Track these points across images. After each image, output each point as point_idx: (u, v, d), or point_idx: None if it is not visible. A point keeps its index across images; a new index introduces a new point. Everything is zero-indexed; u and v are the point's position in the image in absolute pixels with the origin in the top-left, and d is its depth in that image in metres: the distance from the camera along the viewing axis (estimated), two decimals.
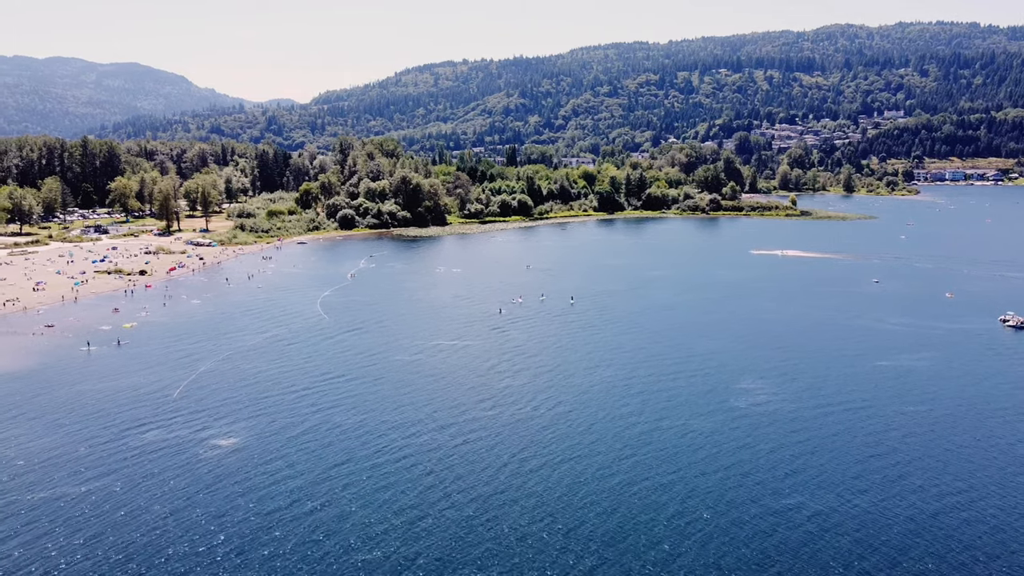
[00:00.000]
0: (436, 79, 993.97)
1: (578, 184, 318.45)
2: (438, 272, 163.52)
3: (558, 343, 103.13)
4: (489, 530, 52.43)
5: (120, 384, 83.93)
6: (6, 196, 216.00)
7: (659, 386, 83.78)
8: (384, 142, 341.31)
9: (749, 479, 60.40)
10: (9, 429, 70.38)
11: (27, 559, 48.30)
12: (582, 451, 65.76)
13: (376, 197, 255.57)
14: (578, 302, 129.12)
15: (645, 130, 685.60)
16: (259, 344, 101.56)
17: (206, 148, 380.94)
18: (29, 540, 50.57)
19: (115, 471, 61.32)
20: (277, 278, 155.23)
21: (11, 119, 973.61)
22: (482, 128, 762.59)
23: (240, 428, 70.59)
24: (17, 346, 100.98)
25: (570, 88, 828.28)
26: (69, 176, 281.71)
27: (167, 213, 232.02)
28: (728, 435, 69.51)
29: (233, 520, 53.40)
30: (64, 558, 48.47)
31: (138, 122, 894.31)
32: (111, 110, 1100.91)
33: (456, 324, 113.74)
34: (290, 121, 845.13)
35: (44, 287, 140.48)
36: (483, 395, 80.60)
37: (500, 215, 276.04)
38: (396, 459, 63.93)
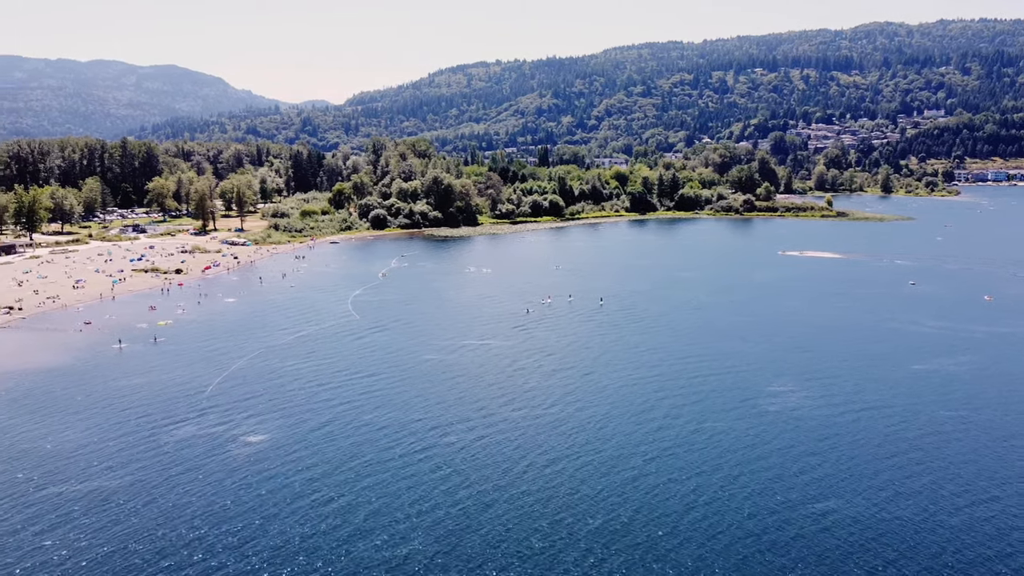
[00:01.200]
0: (469, 80, 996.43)
1: (610, 184, 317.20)
2: (468, 272, 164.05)
3: (583, 343, 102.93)
4: (507, 528, 52.53)
5: (155, 380, 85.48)
6: (48, 196, 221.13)
7: (684, 387, 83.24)
8: (416, 143, 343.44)
9: (775, 484, 59.71)
10: (46, 422, 72.08)
11: (58, 549, 49.39)
12: (608, 453, 65.49)
13: (408, 197, 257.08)
14: (607, 303, 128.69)
15: (679, 130, 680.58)
16: (291, 342, 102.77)
17: (242, 149, 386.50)
18: (61, 531, 51.72)
19: (147, 465, 62.51)
20: (310, 277, 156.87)
21: (55, 121, 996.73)
22: (514, 129, 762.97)
23: (270, 424, 71.52)
24: (57, 342, 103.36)
25: (603, 88, 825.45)
26: (109, 176, 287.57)
27: (203, 213, 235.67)
28: (754, 438, 68.82)
29: (259, 514, 54.11)
30: (95, 549, 49.51)
31: (176, 123, 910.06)
32: (150, 111, 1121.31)
33: (483, 324, 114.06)
34: (324, 122, 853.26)
35: (83, 285, 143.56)
36: (506, 394, 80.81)
37: (531, 215, 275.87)
38: (418, 456, 64.41)
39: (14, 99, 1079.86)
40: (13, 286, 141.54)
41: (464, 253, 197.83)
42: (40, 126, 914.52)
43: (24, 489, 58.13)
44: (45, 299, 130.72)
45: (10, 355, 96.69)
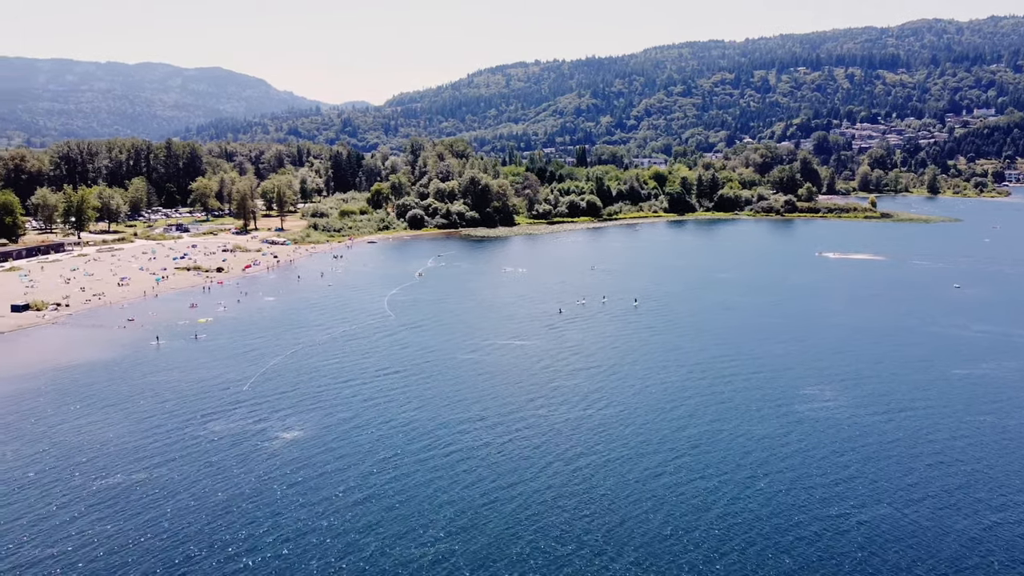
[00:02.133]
0: (508, 80, 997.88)
1: (648, 185, 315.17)
2: (503, 272, 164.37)
3: (613, 343, 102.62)
4: (525, 525, 52.74)
5: (195, 376, 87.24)
6: (96, 196, 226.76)
7: (712, 388, 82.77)
8: (454, 143, 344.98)
9: (796, 485, 59.09)
10: (89, 416, 74.03)
11: (95, 539, 50.69)
12: (628, 451, 65.49)
13: (445, 197, 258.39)
14: (642, 304, 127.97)
15: (719, 130, 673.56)
16: (327, 340, 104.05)
17: (283, 149, 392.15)
18: (99, 521, 53.06)
19: (182, 458, 63.88)
20: (347, 276, 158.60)
21: (104, 122, 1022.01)
22: (553, 129, 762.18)
23: (302, 421, 72.55)
24: (101, 338, 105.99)
25: (643, 88, 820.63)
26: (154, 176, 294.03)
27: (244, 212, 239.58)
28: (778, 438, 68.19)
29: (286, 508, 54.95)
30: (130, 539, 50.73)
31: (220, 124, 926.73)
32: (195, 113, 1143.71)
33: (516, 323, 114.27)
34: (364, 123, 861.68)
35: (128, 283, 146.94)
36: (533, 393, 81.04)
37: (568, 216, 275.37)
38: (442, 453, 64.98)
39: (65, 101, 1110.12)
40: (61, 283, 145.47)
41: (500, 253, 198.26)
42: (90, 127, 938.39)
43: (66, 480, 59.78)
44: (91, 296, 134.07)
45: (57, 350, 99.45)
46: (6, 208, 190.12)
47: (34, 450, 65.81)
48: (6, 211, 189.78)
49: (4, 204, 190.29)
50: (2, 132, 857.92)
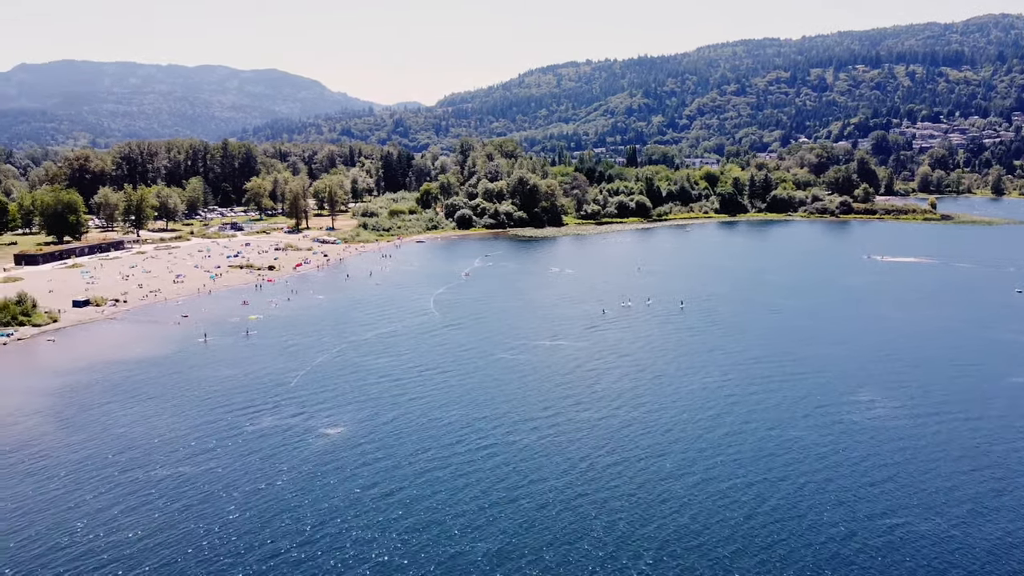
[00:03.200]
0: (559, 80, 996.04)
1: (699, 185, 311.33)
2: (550, 273, 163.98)
3: (657, 346, 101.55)
4: (561, 529, 52.36)
5: (244, 372, 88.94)
6: (154, 195, 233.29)
7: (757, 393, 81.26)
8: (503, 143, 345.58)
9: (843, 494, 57.56)
10: (138, 409, 76.02)
11: (133, 528, 51.97)
12: (666, 455, 64.81)
13: (494, 197, 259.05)
14: (690, 305, 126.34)
15: (774, 129, 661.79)
16: (373, 338, 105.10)
17: (335, 150, 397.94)
18: (140, 511, 54.37)
19: (228, 452, 65.13)
20: (395, 275, 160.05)
21: (164, 123, 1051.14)
22: (604, 128, 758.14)
23: (345, 417, 73.37)
24: (156, 334, 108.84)
25: (695, 87, 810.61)
26: (210, 176, 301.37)
27: (296, 212, 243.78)
28: (825, 446, 66.61)
29: (324, 503, 55.57)
30: (168, 529, 51.89)
31: (275, 125, 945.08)
32: (252, 114, 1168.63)
33: (558, 324, 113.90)
34: (416, 123, 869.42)
35: (183, 280, 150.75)
36: (573, 395, 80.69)
37: (617, 216, 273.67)
38: (480, 454, 65.08)
39: (129, 103, 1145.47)
40: (120, 280, 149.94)
41: (547, 253, 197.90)
42: (151, 128, 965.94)
43: (115, 471, 61.48)
44: (148, 293, 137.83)
45: (113, 345, 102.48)
46: (70, 207, 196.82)
47: (86, 441, 67.83)
48: (70, 210, 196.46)
49: (68, 203, 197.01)
50: (69, 133, 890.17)
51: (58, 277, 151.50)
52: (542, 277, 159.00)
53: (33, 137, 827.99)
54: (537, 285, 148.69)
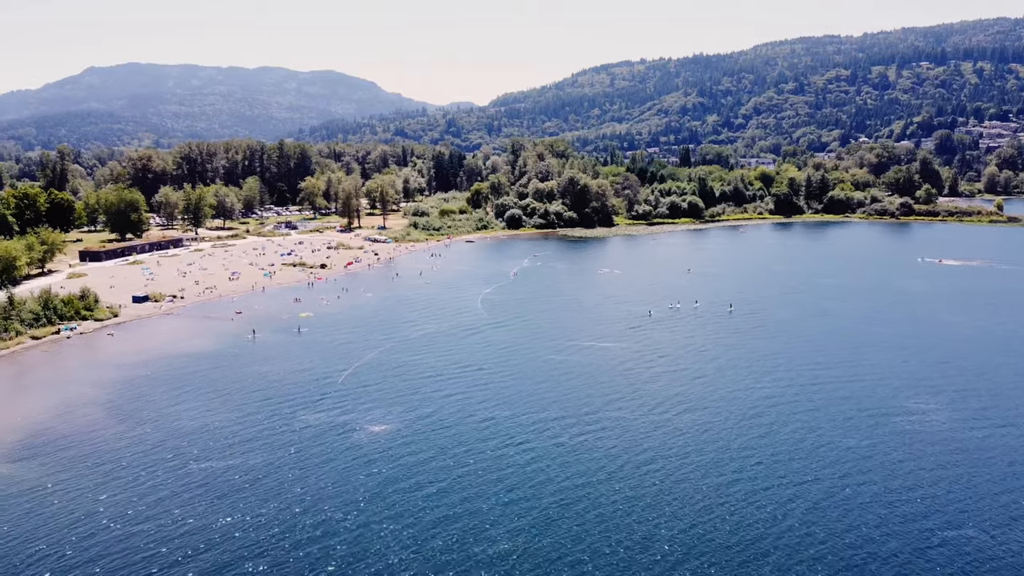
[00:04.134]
0: (612, 79, 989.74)
1: (754, 185, 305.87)
2: (598, 273, 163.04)
3: (700, 347, 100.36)
4: (589, 527, 52.38)
5: (294, 368, 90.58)
6: (212, 194, 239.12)
7: (799, 395, 79.97)
8: (554, 143, 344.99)
9: (881, 498, 56.51)
10: (190, 402, 78.08)
11: (180, 517, 53.36)
12: (703, 456, 64.27)
13: (544, 197, 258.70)
14: (738, 308, 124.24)
15: (833, 129, 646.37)
16: (420, 336, 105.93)
17: (387, 150, 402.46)
18: (187, 501, 55.83)
19: (274, 446, 66.48)
20: (444, 275, 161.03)
21: (224, 124, 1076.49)
22: (657, 128, 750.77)
23: (389, 414, 74.12)
24: (211, 329, 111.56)
25: (752, 86, 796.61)
26: (267, 176, 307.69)
27: (349, 211, 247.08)
28: (866, 449, 65.42)
29: (364, 498, 56.27)
30: (213, 519, 53.14)
31: (331, 125, 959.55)
32: (308, 115, 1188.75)
33: (604, 325, 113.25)
34: (468, 123, 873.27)
35: (238, 277, 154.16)
36: (612, 395, 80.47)
37: (669, 217, 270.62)
38: (515, 451, 65.56)
39: (190, 104, 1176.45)
40: (178, 276, 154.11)
41: (597, 254, 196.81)
42: (211, 129, 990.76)
43: (166, 461, 63.30)
44: (204, 289, 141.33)
45: (169, 340, 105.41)
46: (132, 205, 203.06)
47: (140, 432, 69.98)
48: (132, 208, 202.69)
49: (131, 202, 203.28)
50: (134, 134, 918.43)
51: (120, 273, 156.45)
52: (589, 278, 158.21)
53: (100, 138, 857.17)
54: (584, 286, 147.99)
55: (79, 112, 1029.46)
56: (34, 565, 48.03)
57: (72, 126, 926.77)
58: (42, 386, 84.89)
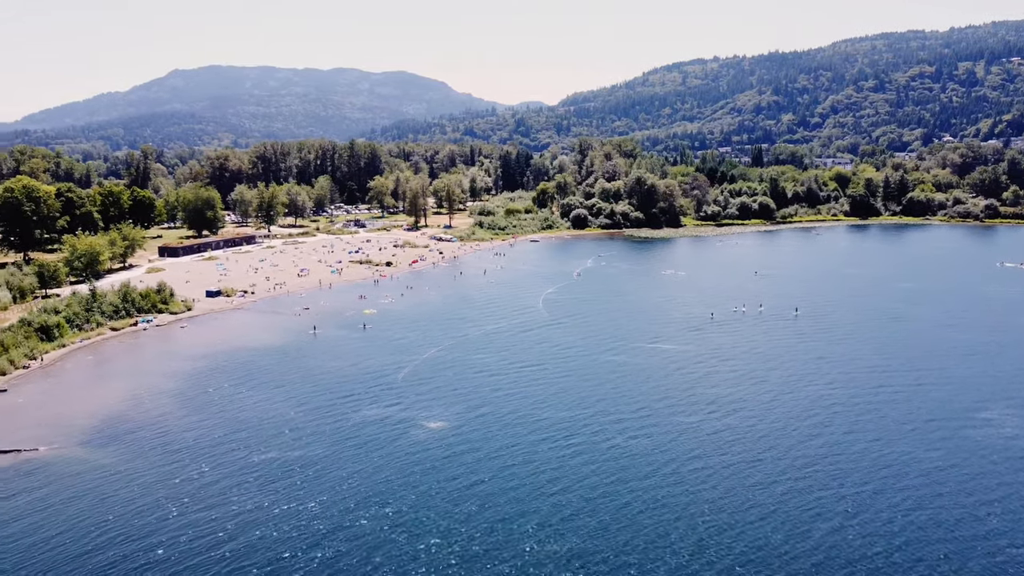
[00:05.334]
0: (684, 77, 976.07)
1: (828, 186, 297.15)
2: (662, 275, 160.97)
3: (762, 351, 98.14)
4: (638, 530, 51.80)
5: (356, 364, 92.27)
6: (285, 192, 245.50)
7: (864, 403, 77.65)
8: (622, 142, 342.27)
9: (932, 503, 55.26)
10: (254, 394, 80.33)
11: (240, 506, 54.87)
12: (750, 458, 63.62)
13: (610, 197, 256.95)
14: (805, 311, 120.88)
15: (915, 128, 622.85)
16: (481, 335, 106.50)
17: (455, 149, 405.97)
18: (246, 490, 57.37)
19: (334, 439, 67.83)
20: (507, 274, 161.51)
21: (300, 124, 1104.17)
22: (730, 127, 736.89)
23: (446, 411, 74.75)
24: (279, 324, 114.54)
25: (829, 84, 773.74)
26: (337, 175, 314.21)
27: (416, 210, 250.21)
28: (926, 459, 63.28)
29: (418, 494, 56.77)
30: (271, 509, 54.47)
31: (402, 125, 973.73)
32: (380, 115, 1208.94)
33: (664, 326, 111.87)
34: (537, 123, 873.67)
35: (307, 274, 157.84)
36: (666, 397, 79.72)
37: (739, 218, 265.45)
38: (566, 451, 65.31)
39: (267, 105, 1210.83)
40: (250, 272, 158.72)
41: (662, 255, 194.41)
42: (287, 129, 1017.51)
43: (230, 452, 65.29)
44: (274, 285, 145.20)
45: (237, 333, 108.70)
46: (208, 203, 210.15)
47: (205, 421, 72.38)
48: (208, 206, 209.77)
49: (207, 200, 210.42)
50: (214, 134, 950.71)
51: (195, 268, 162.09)
52: (653, 279, 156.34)
53: (183, 138, 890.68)
54: (647, 287, 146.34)
55: (163, 113, 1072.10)
56: (102, 543, 50.20)
57: (157, 126, 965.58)
58: (118, 375, 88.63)
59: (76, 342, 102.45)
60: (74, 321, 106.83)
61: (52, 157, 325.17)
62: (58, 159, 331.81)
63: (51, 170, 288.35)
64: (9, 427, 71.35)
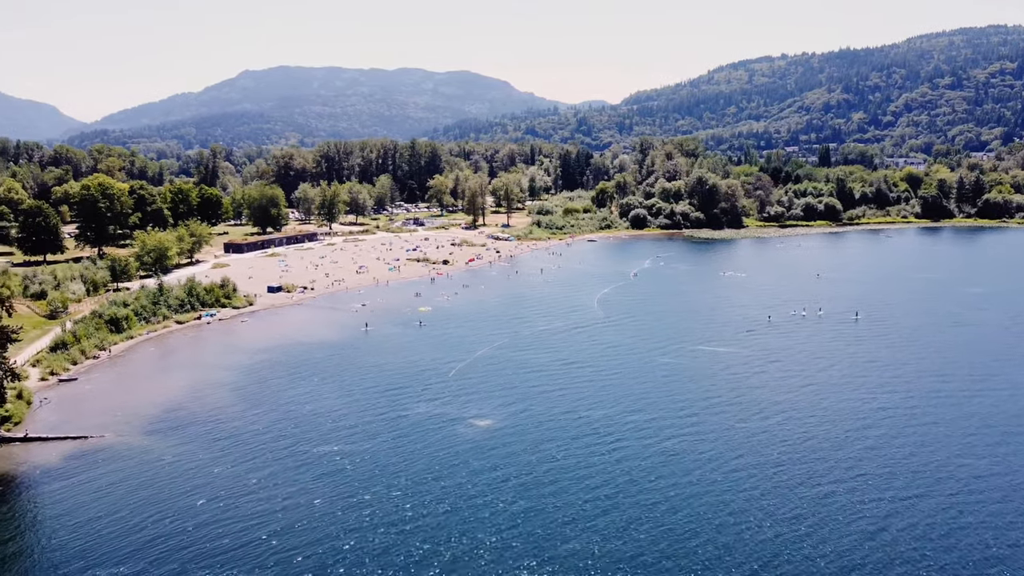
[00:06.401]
0: (751, 75, 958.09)
1: (899, 187, 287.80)
2: (721, 276, 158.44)
3: (815, 355, 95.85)
4: (668, 532, 51.26)
5: (409, 360, 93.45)
6: (346, 191, 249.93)
7: (915, 407, 75.74)
8: (684, 141, 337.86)
9: (982, 510, 53.61)
10: (309, 388, 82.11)
11: (289, 497, 56.13)
12: (793, 460, 62.81)
13: (670, 197, 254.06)
14: (865, 315, 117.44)
15: (994, 127, 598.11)
16: (533, 334, 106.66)
17: (515, 148, 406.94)
18: (296, 482, 58.67)
19: (383, 435, 68.86)
20: (563, 273, 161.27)
21: (364, 124, 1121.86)
22: (797, 126, 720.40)
23: (495, 409, 75.12)
24: (335, 320, 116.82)
25: (903, 81, 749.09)
26: (398, 174, 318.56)
27: (474, 208, 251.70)
28: (978, 466, 61.34)
29: (464, 491, 57.15)
30: (319, 503, 55.59)
31: (464, 125, 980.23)
32: (443, 114, 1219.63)
33: (719, 328, 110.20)
34: (599, 122, 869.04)
35: (365, 271, 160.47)
36: (713, 398, 78.93)
37: (803, 219, 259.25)
38: (606, 450, 65.28)
39: (334, 105, 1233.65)
40: (311, 269, 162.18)
41: (721, 256, 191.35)
42: (352, 129, 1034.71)
43: (281, 444, 66.88)
44: (333, 282, 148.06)
45: (297, 328, 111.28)
46: (272, 201, 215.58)
47: (259, 413, 74.40)
48: (272, 203, 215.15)
49: (271, 198, 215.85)
50: (282, 133, 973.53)
51: (258, 264, 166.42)
52: (711, 280, 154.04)
53: (252, 137, 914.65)
54: (704, 288, 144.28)
55: (233, 113, 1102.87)
56: (151, 523, 52.21)
57: (227, 126, 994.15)
58: (180, 367, 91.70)
59: (143, 334, 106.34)
60: (141, 314, 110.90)
61: (127, 156, 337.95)
62: (133, 158, 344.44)
63: (126, 168, 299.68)
64: (78, 414, 74.58)
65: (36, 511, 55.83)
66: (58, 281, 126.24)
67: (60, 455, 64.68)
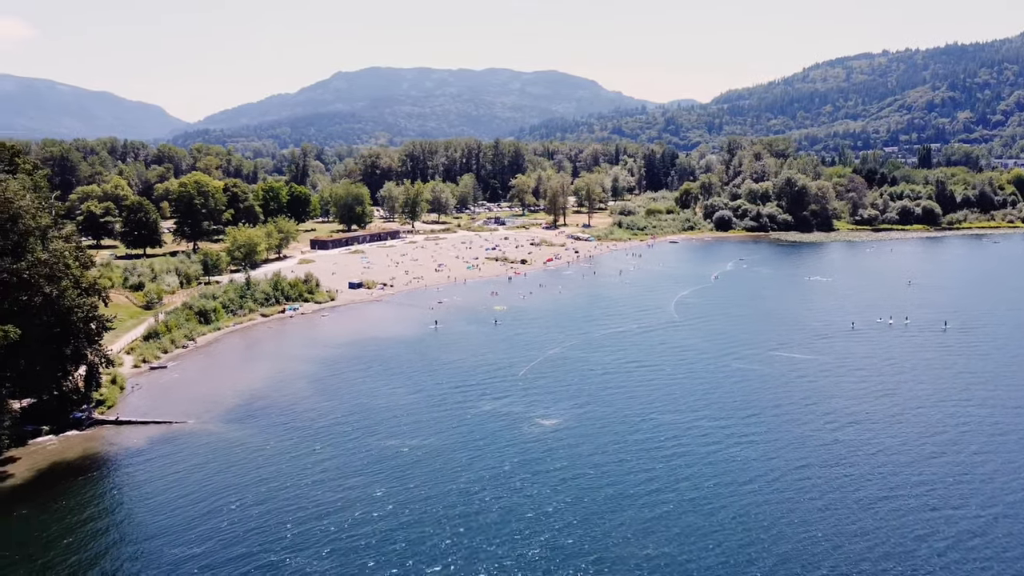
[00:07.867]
0: (848, 73, 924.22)
1: (1005, 190, 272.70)
2: (806, 281, 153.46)
3: (895, 364, 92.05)
4: (721, 534, 50.45)
5: (480, 358, 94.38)
6: (429, 190, 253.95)
7: (1000, 421, 72.37)
8: (773, 142, 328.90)
9: None
10: (383, 383, 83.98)
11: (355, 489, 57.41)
12: (861, 473, 60.71)
13: (757, 199, 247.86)
14: (956, 324, 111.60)
15: None
16: (606, 335, 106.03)
17: (599, 148, 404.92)
18: (365, 476, 59.96)
19: (451, 431, 69.72)
20: (642, 275, 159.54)
21: (452, 123, 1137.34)
22: (897, 126, 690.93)
23: (562, 409, 75.06)
24: (412, 317, 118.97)
25: (1016, 78, 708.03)
26: (481, 173, 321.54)
27: (555, 208, 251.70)
28: None
29: (525, 490, 57.16)
30: (374, 489, 56.65)
31: (550, 124, 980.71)
32: (530, 114, 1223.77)
33: (797, 334, 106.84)
34: (688, 121, 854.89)
35: (444, 269, 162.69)
36: (783, 405, 76.98)
37: (899, 223, 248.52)
38: (668, 452, 64.62)
39: (423, 105, 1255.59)
40: (391, 266, 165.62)
41: (808, 260, 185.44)
42: (440, 128, 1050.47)
43: (351, 436, 68.65)
44: (412, 279, 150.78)
45: (375, 324, 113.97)
46: (358, 199, 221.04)
47: (333, 406, 76.54)
48: (357, 201, 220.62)
49: (356, 196, 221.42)
50: (372, 133, 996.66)
51: (341, 261, 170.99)
52: (795, 285, 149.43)
53: (343, 137, 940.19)
54: (787, 293, 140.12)
55: (327, 113, 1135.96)
56: (221, 505, 54.50)
57: (320, 126, 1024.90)
58: (263, 358, 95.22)
59: (230, 326, 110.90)
60: (229, 306, 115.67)
61: (224, 155, 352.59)
62: (229, 156, 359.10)
63: (223, 167, 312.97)
64: (165, 400, 78.47)
65: (122, 491, 59.08)
66: (155, 274, 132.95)
67: (146, 438, 68.22)
